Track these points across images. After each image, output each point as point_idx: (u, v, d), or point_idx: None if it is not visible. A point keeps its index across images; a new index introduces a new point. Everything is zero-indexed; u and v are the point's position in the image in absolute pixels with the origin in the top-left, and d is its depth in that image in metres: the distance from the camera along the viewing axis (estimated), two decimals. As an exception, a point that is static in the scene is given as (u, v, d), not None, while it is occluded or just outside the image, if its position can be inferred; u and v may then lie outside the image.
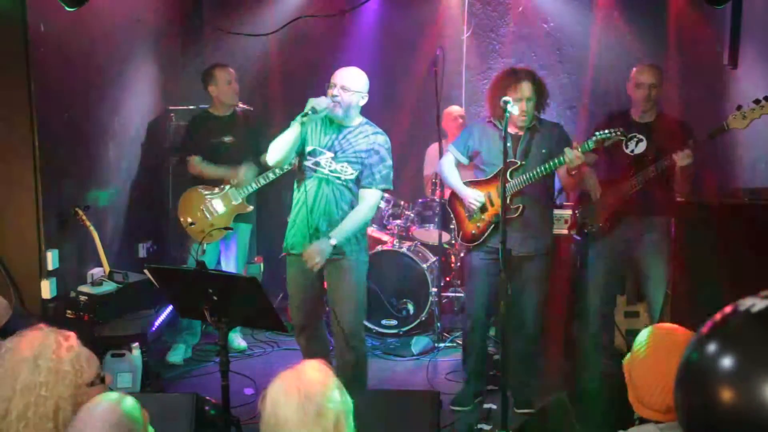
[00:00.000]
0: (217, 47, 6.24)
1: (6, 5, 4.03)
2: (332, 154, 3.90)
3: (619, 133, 3.92)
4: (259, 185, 4.94)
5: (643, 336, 2.01)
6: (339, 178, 3.89)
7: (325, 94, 3.86)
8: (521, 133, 4.10)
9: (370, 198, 3.91)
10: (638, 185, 4.28)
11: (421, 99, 5.77)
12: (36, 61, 4.08)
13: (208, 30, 6.36)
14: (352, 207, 3.90)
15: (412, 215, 5.63)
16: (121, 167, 5.24)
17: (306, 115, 3.71)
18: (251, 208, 5.07)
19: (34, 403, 1.94)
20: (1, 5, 4.02)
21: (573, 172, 3.99)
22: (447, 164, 4.31)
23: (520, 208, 4.05)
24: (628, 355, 2.02)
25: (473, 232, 4.21)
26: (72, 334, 2.11)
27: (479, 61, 6.34)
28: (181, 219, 4.99)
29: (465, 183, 4.25)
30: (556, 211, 5.12)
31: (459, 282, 5.79)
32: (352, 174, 3.90)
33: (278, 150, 3.84)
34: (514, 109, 3.74)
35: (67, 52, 4.46)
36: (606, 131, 3.92)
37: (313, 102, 3.74)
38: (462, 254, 5.46)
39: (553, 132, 4.14)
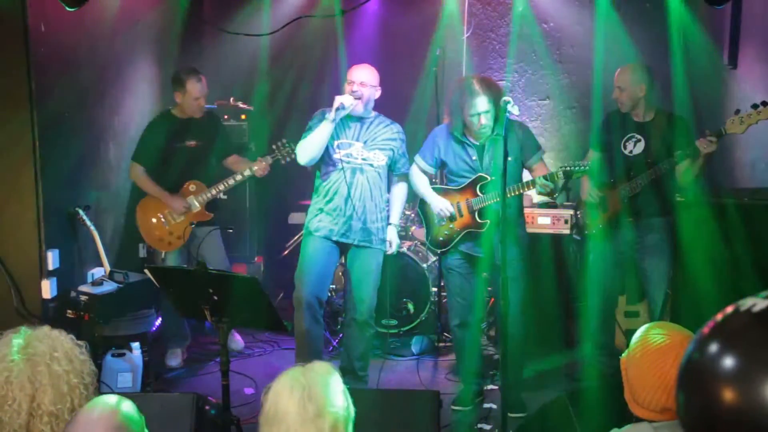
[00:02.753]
0: (217, 47, 6.24)
1: (6, 5, 4.03)
2: (362, 144, 4.18)
3: (585, 166, 3.84)
4: (219, 191, 4.78)
5: (639, 334, 2.01)
6: (372, 165, 4.19)
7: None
8: (485, 142, 4.07)
9: (405, 183, 4.42)
10: (638, 188, 4.24)
11: (421, 99, 5.77)
12: (36, 61, 4.08)
13: (208, 30, 6.36)
14: (381, 192, 4.25)
15: (412, 215, 5.63)
16: (121, 167, 5.24)
17: (338, 110, 4.00)
18: (211, 215, 4.87)
19: (68, 393, 1.93)
20: (1, 5, 4.02)
21: (553, 194, 4.06)
22: (415, 172, 4.33)
23: (487, 223, 4.06)
24: (625, 353, 2.03)
25: (441, 239, 4.24)
26: (72, 337, 2.10)
27: (479, 61, 6.34)
28: (139, 228, 4.86)
29: (437, 189, 4.28)
30: (556, 211, 5.13)
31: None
32: (383, 160, 4.22)
33: (311, 149, 4.11)
34: (485, 120, 3.92)
35: (67, 52, 4.46)
36: (574, 165, 3.85)
37: (341, 99, 4.02)
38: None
39: (519, 135, 4.05)
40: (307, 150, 4.13)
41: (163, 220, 4.82)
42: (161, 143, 4.83)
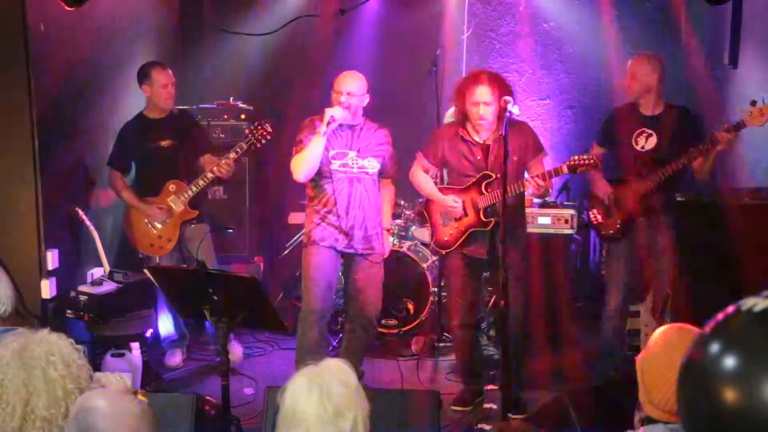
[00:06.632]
0: (217, 47, 6.24)
1: (6, 5, 4.02)
2: (356, 152, 4.13)
3: (592, 161, 3.83)
4: (199, 188, 4.65)
5: (657, 335, 2.00)
6: (367, 173, 4.15)
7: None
8: (489, 141, 4.06)
9: (392, 186, 4.45)
10: (652, 185, 4.15)
11: (421, 99, 5.77)
12: (36, 61, 4.08)
13: (208, 30, 6.35)
14: (377, 198, 4.24)
15: (412, 215, 5.63)
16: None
17: (329, 124, 3.95)
18: (196, 212, 4.77)
19: (63, 398, 1.93)
20: (1, 5, 4.02)
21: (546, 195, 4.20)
22: (418, 171, 4.30)
23: (492, 222, 4.05)
24: (640, 354, 2.01)
25: (445, 239, 4.21)
26: (71, 341, 2.10)
27: (479, 61, 6.34)
28: (129, 237, 4.80)
29: (440, 188, 4.27)
30: (556, 211, 5.12)
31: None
32: (376, 167, 4.18)
33: (306, 166, 4.05)
34: (484, 112, 3.89)
35: (67, 52, 4.46)
36: (579, 159, 3.82)
37: (331, 112, 3.97)
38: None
39: (523, 134, 4.05)
40: (302, 167, 4.04)
41: (150, 225, 4.75)
42: (133, 145, 4.75)
